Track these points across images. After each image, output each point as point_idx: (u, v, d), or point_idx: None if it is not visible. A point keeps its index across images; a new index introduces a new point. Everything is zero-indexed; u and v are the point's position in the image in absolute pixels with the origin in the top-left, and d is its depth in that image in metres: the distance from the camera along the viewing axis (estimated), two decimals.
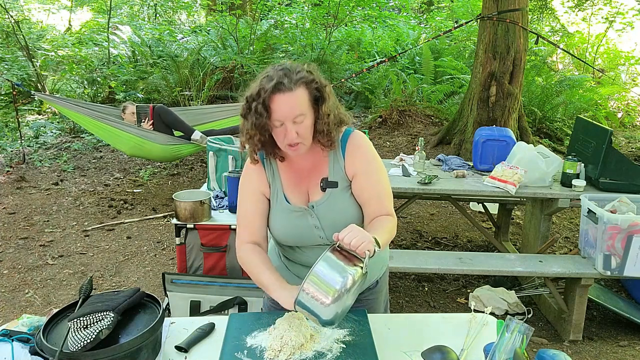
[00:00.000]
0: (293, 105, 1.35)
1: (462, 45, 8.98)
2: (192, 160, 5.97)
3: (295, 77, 1.35)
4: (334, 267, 1.25)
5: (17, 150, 5.94)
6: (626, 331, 2.90)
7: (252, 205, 1.53)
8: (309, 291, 1.24)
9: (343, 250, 1.28)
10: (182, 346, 1.36)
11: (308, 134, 1.40)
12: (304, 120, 1.37)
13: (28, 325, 1.41)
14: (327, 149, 1.48)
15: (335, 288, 1.22)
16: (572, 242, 4.03)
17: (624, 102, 8.19)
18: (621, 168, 2.93)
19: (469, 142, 5.30)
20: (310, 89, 1.38)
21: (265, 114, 1.34)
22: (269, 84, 1.33)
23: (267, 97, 1.33)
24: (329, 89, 1.43)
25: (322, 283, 1.23)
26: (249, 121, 1.38)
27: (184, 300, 2.50)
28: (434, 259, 2.88)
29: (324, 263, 1.25)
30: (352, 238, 1.25)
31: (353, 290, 1.26)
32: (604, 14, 9.16)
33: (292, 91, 1.34)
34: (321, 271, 1.24)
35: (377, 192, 1.48)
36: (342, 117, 1.48)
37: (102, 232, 4.14)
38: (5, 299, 3.20)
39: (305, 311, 1.26)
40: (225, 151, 2.97)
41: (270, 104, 1.34)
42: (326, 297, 1.22)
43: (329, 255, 1.27)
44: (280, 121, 1.36)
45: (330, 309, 1.22)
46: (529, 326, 1.29)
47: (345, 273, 1.24)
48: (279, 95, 1.33)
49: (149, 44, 8.82)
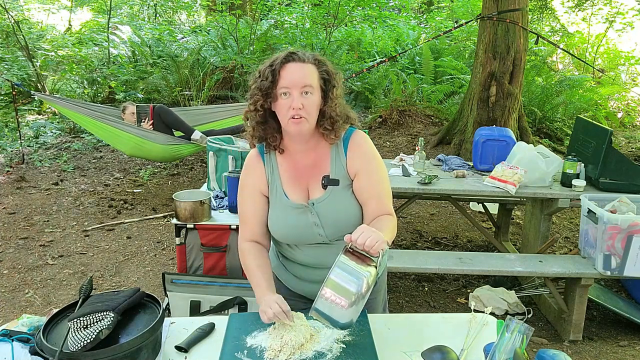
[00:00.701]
0: (303, 74, 1.38)
1: (462, 45, 8.99)
2: (192, 160, 5.97)
3: (307, 55, 1.41)
4: (350, 271, 1.25)
5: (17, 150, 5.94)
6: (626, 331, 2.90)
7: (250, 204, 1.53)
8: (327, 297, 1.24)
9: (355, 252, 1.28)
10: (182, 346, 1.36)
11: (313, 110, 1.41)
12: (310, 95, 1.39)
13: (28, 325, 1.41)
14: (329, 141, 1.48)
15: (353, 292, 1.22)
16: (572, 242, 4.03)
17: (624, 102, 8.19)
18: (621, 168, 2.93)
19: (469, 142, 5.30)
20: (320, 70, 1.42)
21: (272, 78, 1.37)
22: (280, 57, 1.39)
23: (279, 65, 1.38)
24: (338, 77, 1.46)
25: (339, 288, 1.23)
26: (255, 85, 1.41)
27: (184, 300, 2.50)
28: (434, 259, 2.88)
29: (339, 268, 1.25)
30: (365, 238, 1.25)
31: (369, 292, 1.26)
32: (604, 14, 9.16)
33: (304, 62, 1.39)
34: (338, 276, 1.25)
35: (378, 191, 1.48)
36: (348, 113, 1.50)
37: (102, 232, 4.14)
38: (5, 299, 3.20)
39: (321, 317, 1.26)
40: (225, 151, 2.97)
41: (281, 70, 1.38)
42: (345, 302, 1.22)
43: (343, 259, 1.27)
44: (288, 88, 1.37)
45: (348, 312, 1.23)
46: (529, 326, 1.29)
47: (361, 276, 1.24)
48: (291, 64, 1.38)
49: (149, 44, 8.82)
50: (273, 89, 1.38)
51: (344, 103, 1.50)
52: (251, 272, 1.48)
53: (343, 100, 1.49)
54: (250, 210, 1.53)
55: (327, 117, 1.44)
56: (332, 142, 1.49)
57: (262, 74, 1.39)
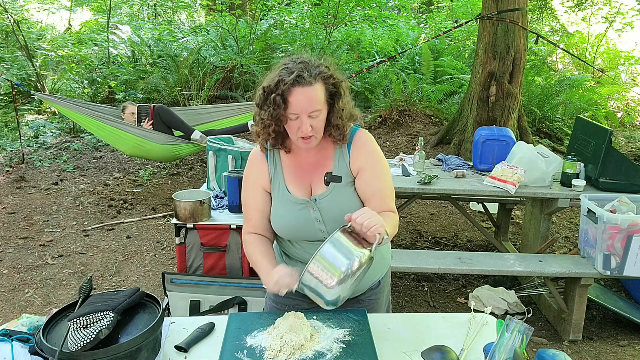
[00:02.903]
0: (311, 100, 1.37)
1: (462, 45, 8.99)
2: (192, 160, 5.97)
3: (315, 71, 1.37)
4: (342, 249, 1.24)
5: (17, 150, 5.94)
6: (626, 331, 2.90)
7: (253, 198, 1.56)
8: (314, 272, 1.23)
9: (354, 233, 1.27)
10: (182, 346, 1.36)
11: (322, 128, 1.43)
12: (318, 115, 1.39)
13: (28, 325, 1.41)
14: (338, 143, 1.50)
15: (341, 270, 1.21)
16: (572, 242, 4.03)
17: (624, 102, 8.19)
18: (621, 168, 2.93)
19: (469, 142, 5.30)
20: (328, 84, 1.41)
21: (283, 105, 1.36)
22: (288, 76, 1.34)
23: (287, 89, 1.35)
24: (345, 85, 1.46)
25: (328, 264, 1.22)
26: (266, 112, 1.39)
27: (184, 300, 2.50)
28: (434, 259, 2.88)
29: (331, 244, 1.24)
30: (365, 219, 1.24)
31: (359, 274, 1.25)
32: (604, 14, 9.16)
33: (312, 86, 1.36)
34: (328, 252, 1.23)
35: (381, 189, 1.49)
36: (353, 112, 1.51)
37: (102, 232, 4.14)
38: (5, 299, 3.20)
39: (308, 290, 1.25)
40: (225, 151, 2.97)
41: (289, 96, 1.36)
42: (332, 279, 1.21)
43: (338, 236, 1.26)
44: (297, 114, 1.37)
45: (335, 291, 1.23)
46: (529, 326, 1.29)
47: (352, 256, 1.23)
48: (299, 89, 1.35)
49: (149, 44, 8.82)
50: (284, 112, 1.38)
51: (352, 105, 1.50)
52: (255, 260, 1.50)
53: (351, 103, 1.49)
54: (254, 205, 1.56)
55: (333, 126, 1.46)
56: (342, 143, 1.50)
57: (272, 101, 1.36)
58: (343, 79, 1.45)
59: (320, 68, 1.39)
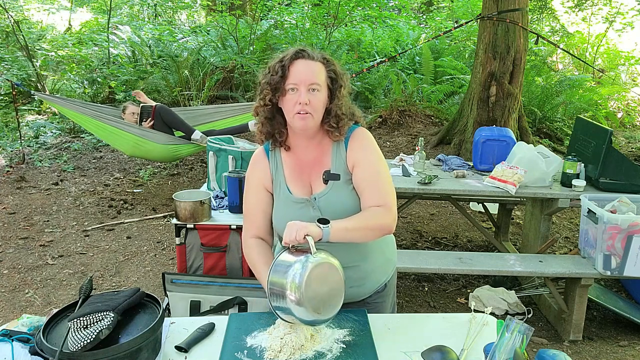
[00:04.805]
0: (311, 72, 1.42)
1: (462, 45, 8.99)
2: (192, 160, 5.97)
3: (316, 53, 1.47)
4: (282, 266, 1.28)
5: (17, 150, 5.94)
6: (626, 331, 2.90)
7: (255, 199, 1.57)
8: (273, 301, 1.27)
9: (295, 250, 1.31)
10: (182, 346, 1.36)
11: (319, 107, 1.44)
12: (317, 93, 1.43)
13: (28, 325, 1.41)
14: (333, 138, 1.51)
15: (287, 281, 1.24)
16: (572, 242, 4.03)
17: (624, 102, 8.19)
18: (621, 168, 2.93)
19: (469, 142, 5.30)
20: (328, 69, 1.47)
21: (281, 73, 1.42)
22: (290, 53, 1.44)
23: (288, 61, 1.43)
24: (345, 77, 1.51)
25: (278, 285, 1.26)
26: (265, 80, 1.45)
27: (184, 300, 2.50)
28: (434, 259, 2.88)
29: (273, 268, 1.29)
30: (287, 235, 1.29)
31: (314, 275, 1.24)
32: (604, 14, 9.16)
33: (313, 60, 1.44)
34: (273, 274, 1.28)
35: (374, 182, 1.48)
36: (354, 111, 1.54)
37: (102, 232, 4.14)
38: (5, 299, 3.20)
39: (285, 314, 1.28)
40: (225, 151, 2.97)
41: (290, 66, 1.42)
42: (290, 293, 1.23)
43: (277, 259, 1.30)
44: (296, 84, 1.41)
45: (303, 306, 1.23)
46: (529, 326, 1.29)
47: (292, 264, 1.26)
48: (300, 61, 1.43)
49: (149, 44, 8.82)
50: (282, 84, 1.42)
51: (350, 102, 1.53)
52: (258, 268, 1.50)
53: (349, 100, 1.53)
54: (255, 206, 1.57)
55: (332, 115, 1.48)
56: (336, 140, 1.51)
57: (272, 69, 1.44)
58: (343, 72, 1.51)
59: (321, 53, 1.48)
